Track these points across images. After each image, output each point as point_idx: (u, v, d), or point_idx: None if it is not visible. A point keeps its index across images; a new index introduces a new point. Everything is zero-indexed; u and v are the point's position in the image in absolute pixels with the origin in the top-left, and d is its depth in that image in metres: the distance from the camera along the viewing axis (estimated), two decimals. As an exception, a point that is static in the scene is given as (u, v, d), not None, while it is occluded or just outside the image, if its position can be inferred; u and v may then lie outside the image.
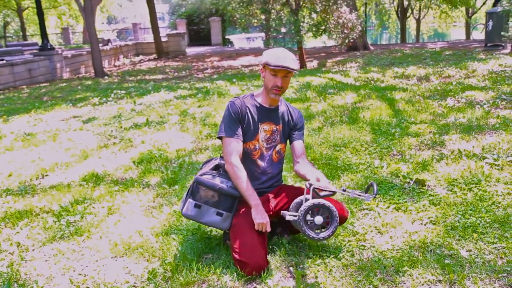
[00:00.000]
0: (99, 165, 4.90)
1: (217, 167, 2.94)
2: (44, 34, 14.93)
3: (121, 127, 6.52)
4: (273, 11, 13.03)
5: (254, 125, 2.87)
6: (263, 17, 13.71)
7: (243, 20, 13.63)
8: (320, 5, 12.60)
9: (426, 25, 40.15)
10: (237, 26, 25.83)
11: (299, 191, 2.93)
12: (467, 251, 2.76)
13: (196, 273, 2.66)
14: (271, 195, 2.95)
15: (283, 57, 2.71)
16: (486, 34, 15.19)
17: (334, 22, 12.89)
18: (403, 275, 2.56)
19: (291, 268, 2.68)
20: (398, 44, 22.73)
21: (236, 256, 2.66)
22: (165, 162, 4.88)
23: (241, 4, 13.71)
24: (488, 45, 14.94)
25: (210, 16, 26.14)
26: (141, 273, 2.75)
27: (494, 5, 19.02)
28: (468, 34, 28.31)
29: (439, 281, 2.50)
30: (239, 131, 2.82)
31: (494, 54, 12.58)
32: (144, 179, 4.41)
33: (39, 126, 7.06)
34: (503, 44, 14.41)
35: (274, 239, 3.02)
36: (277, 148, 2.97)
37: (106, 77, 14.07)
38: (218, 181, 2.80)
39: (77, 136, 6.24)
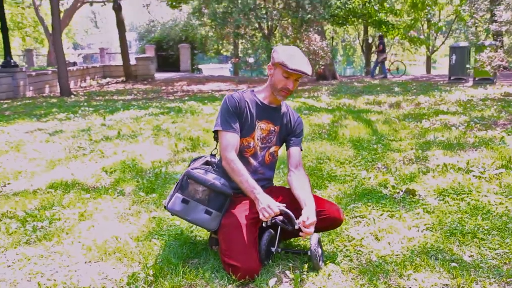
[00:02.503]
0: (68, 174, 4.57)
1: (207, 164, 2.72)
2: (7, 51, 14.39)
3: (90, 139, 6.19)
4: (245, 35, 13.06)
5: (251, 121, 2.68)
6: (235, 41, 13.73)
7: (214, 45, 13.60)
8: (291, 31, 12.74)
9: (388, 62, 41.51)
10: (207, 52, 25.97)
11: (290, 193, 2.74)
12: (469, 256, 2.63)
13: (182, 277, 2.40)
14: None
15: (300, 59, 2.56)
16: (450, 68, 15.69)
17: (305, 49, 13.02)
18: (408, 279, 2.39)
19: (287, 272, 2.46)
20: (364, 76, 23.21)
21: (226, 259, 2.43)
22: (139, 172, 4.61)
23: (213, 27, 13.69)
24: (452, 78, 15.41)
25: (180, 43, 26.10)
26: (120, 278, 2.47)
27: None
28: (429, 69, 29.32)
29: (446, 285, 2.34)
30: (237, 125, 2.62)
31: (458, 86, 12.94)
32: (117, 188, 4.12)
33: (0, 137, 6.63)
34: (465, 78, 14.91)
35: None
36: (271, 149, 2.78)
37: (72, 96, 13.62)
38: (210, 177, 2.58)
39: (43, 147, 5.87)
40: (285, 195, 2.72)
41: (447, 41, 30.54)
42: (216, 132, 2.70)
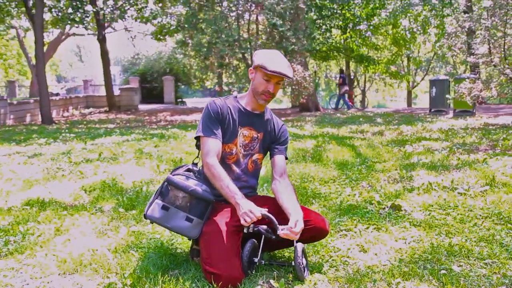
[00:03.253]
0: (45, 193, 4.42)
1: (189, 171, 2.64)
2: (-11, 79, 14.29)
3: (70, 161, 6.05)
4: (229, 65, 13.17)
5: (233, 127, 2.62)
6: (219, 72, 13.83)
7: (198, 74, 13.69)
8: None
9: (370, 97, 42.24)
10: (191, 84, 26.07)
11: (275, 202, 2.67)
12: (458, 266, 2.56)
13: (161, 287, 2.28)
14: None
15: (280, 62, 2.52)
16: (430, 100, 15.98)
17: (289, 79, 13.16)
18: (397, 287, 2.31)
19: (271, 281, 2.36)
20: (346, 110, 23.49)
21: (207, 267, 2.32)
22: (120, 191, 4.49)
23: (198, 57, 13.79)
24: (432, 110, 15.67)
25: (164, 75, 26.21)
26: (96, 288, 2.33)
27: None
28: (410, 103, 29.88)
29: (435, 293, 2.27)
30: (219, 131, 2.56)
31: (439, 117, 13.15)
32: (96, 205, 3.99)
33: (-23, 159, 6.45)
34: (446, 110, 15.17)
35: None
36: (254, 157, 2.71)
37: (54, 124, 13.45)
38: (192, 183, 2.50)
39: (20, 168, 5.71)
40: (270, 204, 2.64)
41: (426, 77, 31.31)
42: (198, 139, 2.63)
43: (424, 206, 3.64)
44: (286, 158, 2.78)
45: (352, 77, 31.07)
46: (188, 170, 2.65)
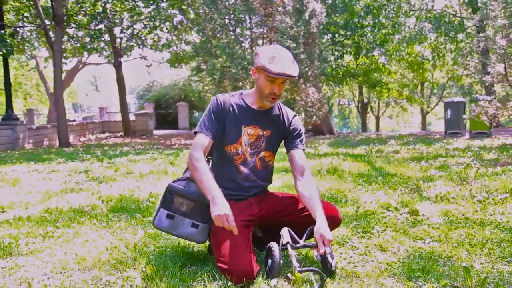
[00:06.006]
0: (63, 202, 4.48)
1: None
2: (9, 104, 14.60)
3: (88, 177, 6.12)
4: (244, 87, 13.31)
5: (237, 126, 2.56)
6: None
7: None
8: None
9: (384, 123, 42.20)
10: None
11: (287, 200, 2.67)
12: (480, 264, 2.52)
13: (180, 280, 2.28)
14: (253, 200, 2.63)
15: (283, 61, 2.38)
16: (446, 123, 15.90)
17: (302, 102, 13.24)
18: (417, 280, 2.28)
19: (288, 275, 2.34)
20: (360, 133, 23.47)
21: (221, 265, 2.31)
22: (136, 201, 4.51)
23: (212, 81, 13.98)
24: (448, 132, 15.57)
25: (178, 101, 26.53)
26: (114, 281, 2.34)
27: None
28: (424, 127, 29.74)
29: (456, 286, 2.23)
30: (213, 127, 2.51)
31: (455, 139, 13.04)
32: (114, 213, 4.02)
33: (-4, 176, 6.56)
34: (461, 132, 15.05)
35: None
36: (261, 154, 2.63)
37: (71, 148, 13.64)
38: (193, 188, 2.48)
39: (39, 183, 5.79)
40: (277, 199, 2.65)
41: (440, 103, 31.29)
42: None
43: (442, 212, 3.60)
44: (304, 150, 2.69)
45: (366, 102, 31.15)
46: None
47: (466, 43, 17.73)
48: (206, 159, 2.63)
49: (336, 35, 19.74)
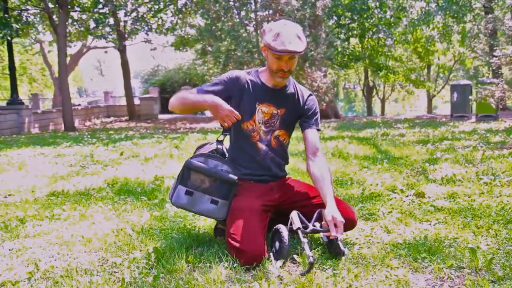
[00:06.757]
0: (69, 186, 4.49)
1: (213, 152, 2.63)
2: (14, 89, 14.62)
3: (93, 160, 6.14)
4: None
5: (251, 104, 2.56)
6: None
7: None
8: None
9: (389, 107, 41.91)
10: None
11: (307, 188, 2.66)
12: (486, 245, 2.51)
13: (186, 261, 2.29)
14: (274, 184, 2.63)
15: (287, 37, 2.36)
16: (452, 106, 15.77)
17: (308, 86, 13.16)
18: (423, 261, 2.28)
19: (295, 256, 2.35)
20: (365, 116, 23.39)
21: (232, 242, 2.30)
22: (141, 184, 4.52)
23: (217, 64, 13.91)
24: (454, 115, 15.46)
25: (183, 85, 26.46)
26: (120, 262, 2.35)
27: None
28: (430, 111, 29.51)
29: (462, 267, 2.22)
30: (213, 92, 2.50)
31: (461, 122, 12.96)
32: (120, 196, 4.03)
33: (2, 159, 6.59)
34: (468, 115, 14.94)
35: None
36: (275, 133, 2.61)
37: (76, 132, 13.68)
38: (211, 165, 2.48)
39: (45, 167, 5.81)
40: (298, 186, 2.66)
41: (447, 86, 30.99)
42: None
43: (448, 194, 3.58)
44: (319, 130, 2.67)
45: (371, 86, 30.92)
46: (212, 151, 2.63)
47: (474, 24, 17.49)
48: (223, 135, 2.65)
49: (342, 18, 19.54)
